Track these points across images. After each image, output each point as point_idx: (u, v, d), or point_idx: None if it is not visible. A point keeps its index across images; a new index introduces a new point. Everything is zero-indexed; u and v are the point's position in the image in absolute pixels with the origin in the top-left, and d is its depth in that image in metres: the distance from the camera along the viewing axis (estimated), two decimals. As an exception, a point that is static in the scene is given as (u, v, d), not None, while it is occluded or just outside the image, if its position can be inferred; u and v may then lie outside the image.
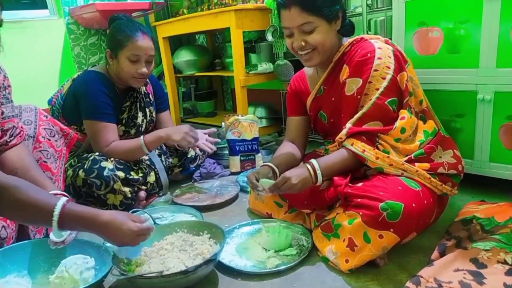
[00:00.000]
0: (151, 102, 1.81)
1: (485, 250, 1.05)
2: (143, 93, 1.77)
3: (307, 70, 1.46)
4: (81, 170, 1.47)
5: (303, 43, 1.22)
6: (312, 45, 1.22)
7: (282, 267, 1.10)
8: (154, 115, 1.83)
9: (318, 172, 1.15)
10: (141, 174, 1.63)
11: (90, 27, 3.19)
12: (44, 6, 3.09)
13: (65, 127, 1.40)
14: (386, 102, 1.19)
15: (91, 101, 1.56)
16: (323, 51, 1.24)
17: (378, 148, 1.17)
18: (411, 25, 1.49)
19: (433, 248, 1.11)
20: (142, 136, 1.58)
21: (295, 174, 1.13)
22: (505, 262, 0.99)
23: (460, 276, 0.95)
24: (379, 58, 1.19)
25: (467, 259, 1.02)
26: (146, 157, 1.71)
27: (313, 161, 1.17)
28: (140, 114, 1.75)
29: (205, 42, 3.21)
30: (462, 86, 1.42)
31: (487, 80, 1.35)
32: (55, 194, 1.00)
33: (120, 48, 1.56)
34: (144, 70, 1.59)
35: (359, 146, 1.16)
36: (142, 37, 1.57)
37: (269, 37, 2.15)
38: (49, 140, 1.30)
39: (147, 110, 1.78)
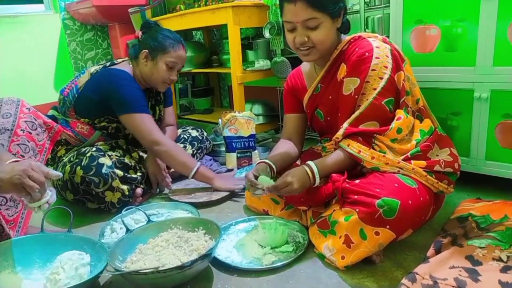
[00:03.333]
0: (161, 100, 1.85)
1: (481, 248, 1.05)
2: (154, 91, 1.80)
3: (304, 67, 1.45)
4: (79, 167, 1.46)
5: (306, 39, 1.21)
6: (313, 42, 1.21)
7: (278, 264, 1.10)
8: (162, 114, 1.86)
9: (317, 176, 1.17)
10: (139, 174, 1.62)
11: (87, 22, 3.17)
12: (40, 1, 3.07)
13: (48, 120, 1.34)
14: (383, 102, 1.19)
15: (130, 95, 1.56)
16: (323, 49, 1.24)
17: (374, 149, 1.17)
18: (409, 23, 1.49)
19: (429, 245, 1.11)
20: (198, 164, 1.61)
21: (297, 179, 1.14)
22: (500, 260, 1.00)
23: (455, 273, 0.96)
24: (377, 58, 1.19)
25: (462, 256, 1.02)
26: (145, 155, 1.71)
27: (311, 164, 1.18)
28: (150, 113, 1.76)
29: (202, 38, 3.20)
30: (459, 84, 1.42)
31: (484, 78, 1.35)
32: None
33: (162, 52, 1.62)
34: (175, 77, 1.69)
35: (355, 147, 1.17)
36: (183, 48, 1.68)
37: (267, 34, 2.14)
38: (30, 133, 1.26)
39: (157, 108, 1.83)
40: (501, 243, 1.06)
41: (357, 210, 1.04)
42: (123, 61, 1.72)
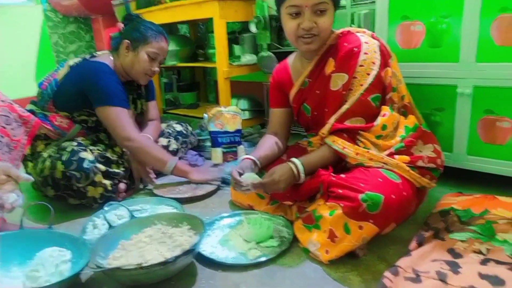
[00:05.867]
0: (142, 94, 1.82)
1: (462, 241, 1.07)
2: (136, 85, 1.77)
3: (291, 61, 1.44)
4: (60, 162, 1.42)
5: (314, 24, 1.20)
6: (319, 29, 1.20)
7: (263, 259, 1.10)
8: (144, 108, 1.83)
9: (302, 175, 1.18)
10: (122, 168, 1.60)
11: (69, 14, 3.11)
12: (20, -8, 2.98)
13: (24, 114, 1.26)
14: (369, 98, 1.20)
15: (107, 88, 1.53)
16: (324, 37, 1.24)
17: (358, 145, 1.18)
18: (394, 18, 1.49)
19: (412, 238, 1.12)
20: (176, 159, 1.61)
21: (284, 179, 1.16)
22: (480, 252, 1.02)
23: (437, 266, 0.97)
24: (365, 53, 1.20)
25: (444, 249, 1.04)
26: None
27: (297, 162, 1.19)
28: (132, 107, 1.75)
29: (187, 32, 3.16)
30: (442, 80, 1.43)
31: (467, 74, 1.37)
32: None
33: (144, 43, 1.61)
34: (157, 69, 1.67)
35: (339, 144, 1.18)
36: (165, 40, 1.68)
37: (253, 28, 2.13)
38: (4, 128, 1.18)
39: (138, 102, 1.80)
40: (481, 236, 1.08)
41: (342, 204, 1.04)
42: (103, 53, 1.69)
